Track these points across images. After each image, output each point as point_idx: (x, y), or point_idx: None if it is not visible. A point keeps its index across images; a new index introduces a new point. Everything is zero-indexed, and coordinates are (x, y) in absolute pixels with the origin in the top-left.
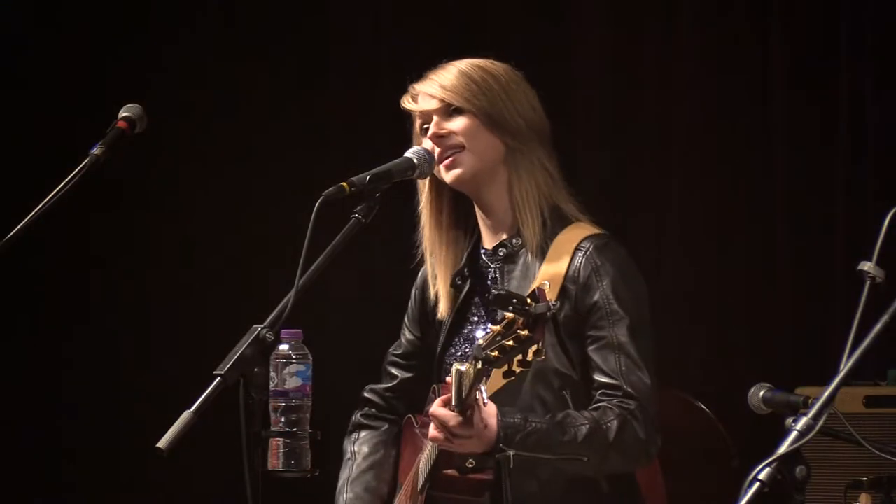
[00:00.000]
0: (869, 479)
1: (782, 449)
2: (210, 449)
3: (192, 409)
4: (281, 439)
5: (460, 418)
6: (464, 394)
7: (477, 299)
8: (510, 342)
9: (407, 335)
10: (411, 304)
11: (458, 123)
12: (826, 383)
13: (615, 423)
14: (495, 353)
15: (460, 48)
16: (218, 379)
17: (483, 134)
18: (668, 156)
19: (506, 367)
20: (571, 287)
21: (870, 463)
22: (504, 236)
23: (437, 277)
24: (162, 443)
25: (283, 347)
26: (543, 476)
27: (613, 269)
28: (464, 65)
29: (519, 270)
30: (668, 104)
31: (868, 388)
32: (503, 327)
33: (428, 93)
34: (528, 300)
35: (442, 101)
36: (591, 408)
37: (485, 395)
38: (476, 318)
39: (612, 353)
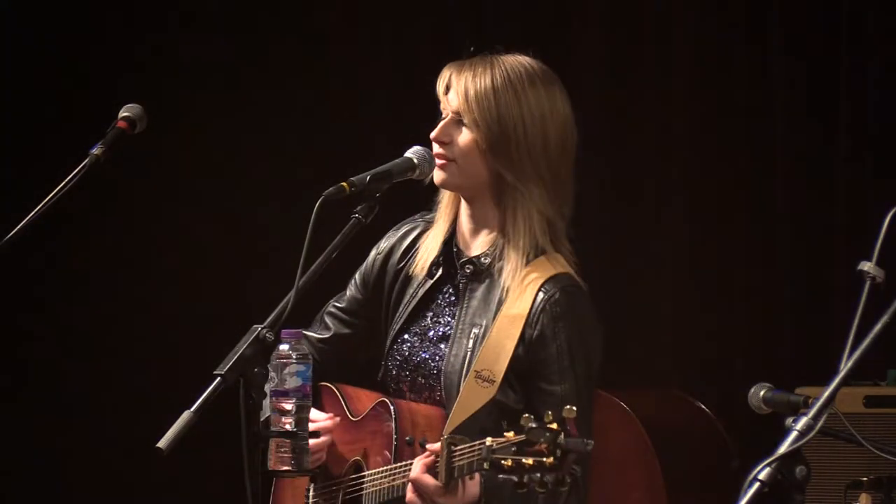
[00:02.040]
0: (869, 479)
1: (782, 449)
2: (210, 449)
3: (192, 409)
4: (281, 439)
5: (444, 493)
6: (455, 473)
7: (445, 296)
8: (530, 461)
9: (352, 290)
10: (367, 262)
11: (461, 138)
12: (826, 383)
13: (565, 491)
14: (508, 463)
15: (461, 48)
16: (218, 379)
17: (477, 158)
18: (668, 157)
19: (518, 480)
20: (530, 331)
21: (870, 463)
22: (479, 249)
23: (427, 248)
24: (162, 443)
25: (283, 347)
26: None
27: (572, 323)
28: (501, 74)
29: (481, 293)
30: (668, 105)
31: (868, 388)
32: (522, 442)
33: (457, 91)
34: (561, 432)
35: (458, 110)
36: None
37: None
38: (435, 316)
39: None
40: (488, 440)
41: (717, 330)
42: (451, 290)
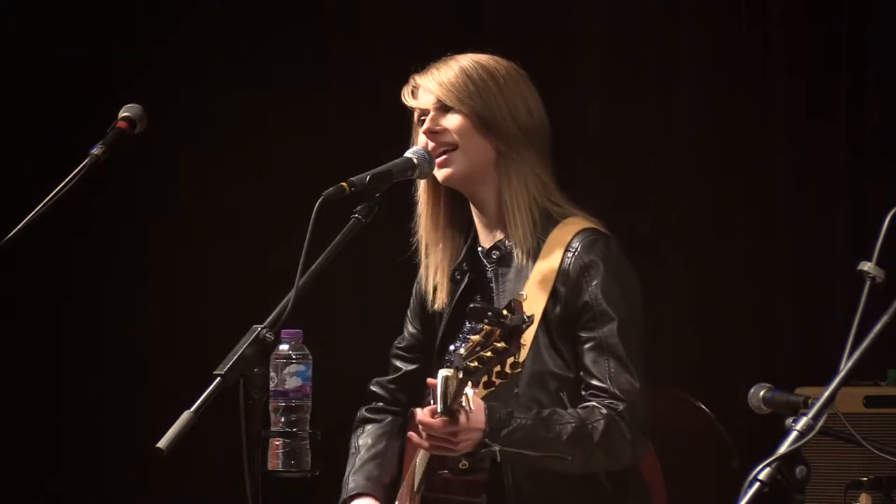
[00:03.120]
0: (869, 479)
1: (782, 449)
2: (210, 449)
3: (192, 409)
4: (281, 439)
5: (446, 423)
6: (449, 400)
7: (479, 297)
8: (488, 353)
9: (409, 328)
10: (413, 298)
11: (452, 122)
12: (826, 383)
13: (602, 422)
14: (474, 364)
15: (461, 47)
16: (218, 379)
17: (475, 136)
18: (668, 155)
19: (486, 378)
20: (562, 288)
21: (870, 463)
22: (499, 236)
23: (435, 271)
24: (162, 443)
25: (283, 347)
26: (544, 476)
27: (603, 266)
28: (466, 61)
29: (513, 273)
30: (668, 104)
31: (868, 388)
32: (482, 337)
33: (427, 87)
34: (504, 312)
35: (437, 98)
36: (579, 407)
37: (471, 401)
38: None
39: (601, 354)
40: (461, 349)
41: (717, 330)
42: (484, 288)
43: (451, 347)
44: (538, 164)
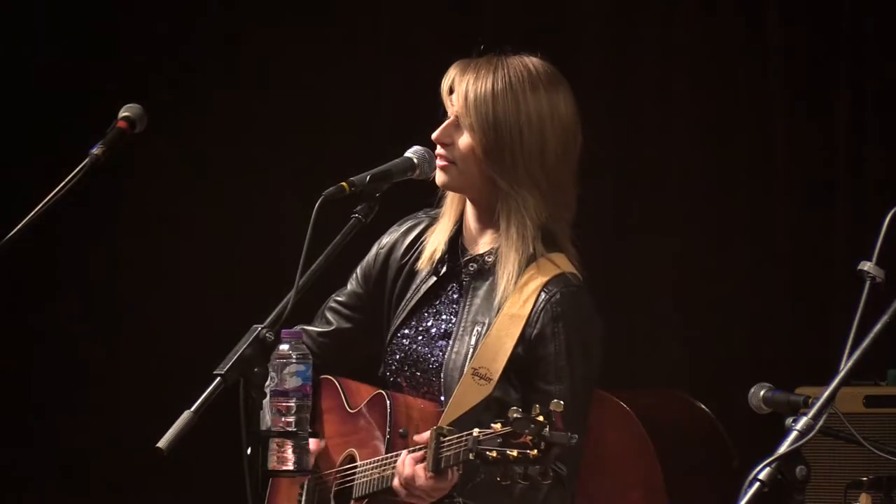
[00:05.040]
0: (869, 479)
1: (782, 449)
2: (210, 449)
3: (192, 409)
4: (281, 439)
5: (434, 482)
6: (442, 464)
7: (448, 294)
8: (514, 453)
9: (353, 285)
10: (369, 258)
11: (461, 140)
12: (826, 383)
13: (545, 487)
14: (493, 455)
15: (461, 50)
16: (218, 379)
17: (477, 164)
18: (667, 156)
19: (502, 471)
20: (530, 330)
21: (870, 463)
22: (484, 247)
23: (432, 244)
24: (162, 443)
25: (283, 347)
26: None
27: (573, 324)
28: (503, 79)
29: (483, 292)
30: (668, 104)
31: (868, 388)
32: (507, 433)
33: (459, 93)
34: (541, 419)
35: (457, 113)
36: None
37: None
38: (437, 313)
39: None
40: (475, 431)
41: (717, 330)
42: (454, 287)
43: (406, 332)
44: (540, 205)
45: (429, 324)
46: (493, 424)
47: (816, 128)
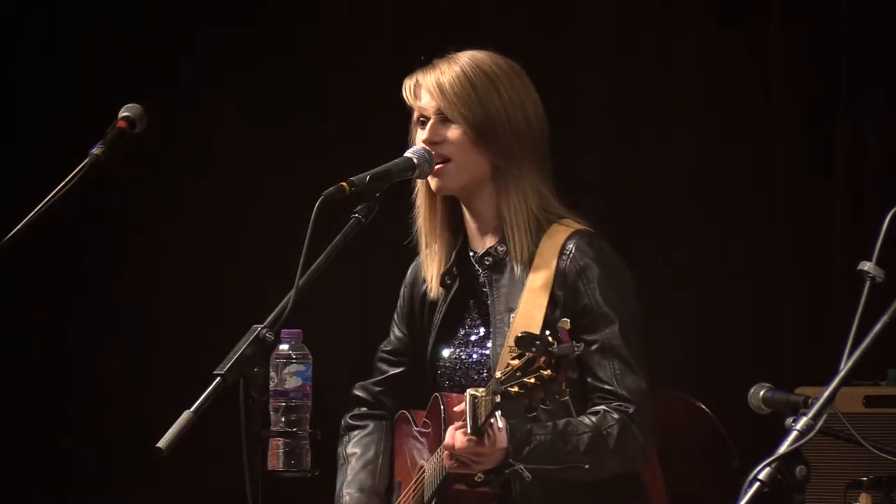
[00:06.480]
0: (869, 479)
1: (782, 449)
2: (210, 449)
3: (192, 409)
4: (281, 439)
5: (475, 444)
6: (479, 421)
7: (471, 301)
8: (532, 380)
9: (395, 332)
10: (400, 301)
11: (451, 134)
12: (826, 383)
13: (615, 428)
14: (515, 389)
15: (461, 42)
16: (218, 379)
17: (472, 151)
18: (668, 155)
19: (528, 403)
20: (559, 292)
21: (870, 463)
22: (490, 242)
23: (429, 274)
24: (162, 443)
25: (283, 347)
26: (550, 481)
27: (598, 269)
28: (468, 65)
29: (506, 279)
30: (668, 104)
31: (868, 388)
32: (523, 363)
33: (429, 89)
34: (551, 339)
35: (439, 108)
36: (589, 411)
37: (500, 422)
38: (469, 321)
39: (605, 357)
40: (497, 373)
41: (716, 330)
42: (476, 289)
43: (446, 353)
44: (536, 176)
45: (463, 332)
46: (510, 362)
47: (817, 127)
